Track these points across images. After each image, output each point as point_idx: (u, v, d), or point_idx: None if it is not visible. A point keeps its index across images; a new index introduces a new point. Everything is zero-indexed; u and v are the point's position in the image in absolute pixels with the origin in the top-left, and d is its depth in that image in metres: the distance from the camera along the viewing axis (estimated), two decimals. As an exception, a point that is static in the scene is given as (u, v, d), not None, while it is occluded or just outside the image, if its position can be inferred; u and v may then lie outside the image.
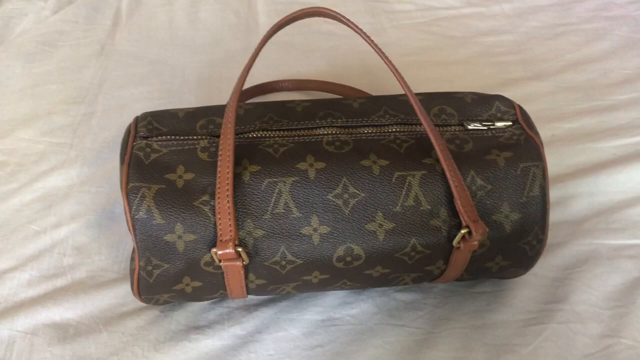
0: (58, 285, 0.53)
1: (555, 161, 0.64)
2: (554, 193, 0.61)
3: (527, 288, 0.53)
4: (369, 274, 0.46)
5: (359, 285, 0.49)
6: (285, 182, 0.44)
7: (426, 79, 0.77)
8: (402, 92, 0.51)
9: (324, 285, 0.47)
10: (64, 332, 0.50)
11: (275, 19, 0.87)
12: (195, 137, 0.46)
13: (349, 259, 0.44)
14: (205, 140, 0.46)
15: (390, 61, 0.47)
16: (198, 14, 0.89)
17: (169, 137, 0.46)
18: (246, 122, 0.47)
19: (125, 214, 0.43)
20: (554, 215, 0.59)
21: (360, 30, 0.47)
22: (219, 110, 0.48)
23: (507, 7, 0.91)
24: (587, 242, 0.57)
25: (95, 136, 0.67)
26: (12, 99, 0.72)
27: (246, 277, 0.45)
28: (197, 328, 0.50)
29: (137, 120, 0.48)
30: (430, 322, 0.51)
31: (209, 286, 0.46)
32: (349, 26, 0.48)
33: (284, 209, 0.43)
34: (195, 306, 0.52)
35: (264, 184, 0.44)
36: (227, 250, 0.42)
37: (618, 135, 0.67)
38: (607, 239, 0.57)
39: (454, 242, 0.44)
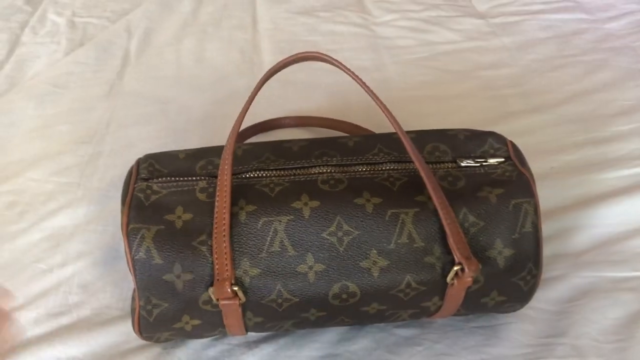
0: (64, 323, 0.54)
1: (554, 193, 0.65)
2: (553, 225, 0.61)
3: (526, 322, 0.53)
4: (365, 310, 0.47)
5: (356, 321, 0.49)
6: (280, 221, 0.45)
7: (426, 114, 0.78)
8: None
9: (322, 323, 0.48)
10: (69, 371, 0.51)
11: (279, 57, 0.90)
12: (194, 179, 0.48)
13: (344, 296, 0.45)
14: (204, 181, 0.47)
15: (380, 101, 0.48)
16: (204, 52, 0.91)
17: (169, 178, 0.48)
18: (244, 162, 0.49)
19: (126, 254, 0.44)
20: (553, 248, 0.60)
21: (352, 73, 0.49)
22: (218, 151, 0.50)
23: (507, 41, 0.92)
24: (587, 275, 0.57)
25: (102, 175, 0.69)
26: (23, 139, 0.75)
27: (244, 315, 0.46)
28: (198, 365, 0.51)
29: (139, 162, 0.50)
30: (430, 358, 0.51)
31: (208, 324, 0.47)
32: (342, 70, 0.50)
33: (279, 248, 0.44)
34: (197, 343, 0.52)
35: (260, 223, 0.45)
36: (224, 289, 0.43)
37: (618, 167, 0.67)
38: (607, 272, 0.57)
39: (448, 279, 0.45)
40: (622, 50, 0.89)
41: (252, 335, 0.53)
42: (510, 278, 0.47)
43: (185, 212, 0.45)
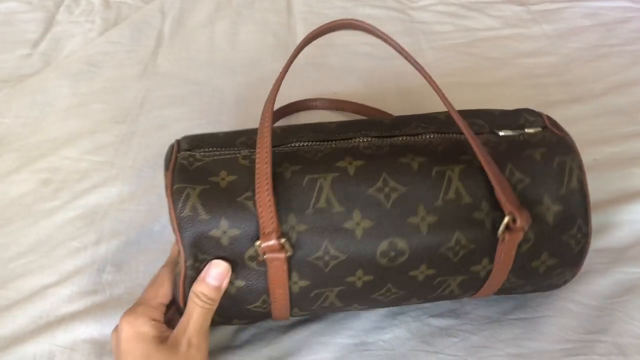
0: (97, 302, 0.54)
1: (596, 187, 0.62)
2: (595, 219, 0.58)
3: (566, 316, 0.52)
4: (413, 276, 0.46)
5: (404, 293, 0.47)
6: (325, 178, 0.44)
7: (464, 101, 0.75)
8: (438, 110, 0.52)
9: (369, 291, 0.46)
10: (101, 349, 0.51)
11: (315, 40, 0.88)
12: (235, 149, 0.47)
13: (392, 254, 0.44)
14: (246, 151, 0.47)
15: (425, 72, 0.49)
16: (238, 35, 0.90)
17: (211, 149, 0.48)
18: (283, 139, 0.48)
19: (170, 215, 0.44)
20: (596, 242, 0.57)
21: (394, 41, 0.49)
22: (256, 131, 0.49)
23: (548, 28, 0.90)
24: (630, 271, 0.55)
25: (136, 155, 0.69)
26: (58, 117, 0.75)
27: (290, 278, 0.44)
28: (230, 348, 0.50)
29: (179, 140, 0.49)
30: (466, 350, 0.50)
31: (253, 289, 0.45)
32: (380, 37, 0.49)
33: (325, 204, 0.44)
34: (230, 327, 0.52)
35: (305, 180, 0.44)
36: (271, 242, 0.42)
37: (663, 160, 0.65)
38: (651, 268, 0.55)
39: (499, 233, 0.44)
40: (669, 41, 0.86)
41: (286, 320, 0.52)
42: (561, 236, 0.46)
43: (229, 175, 0.45)
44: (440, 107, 0.49)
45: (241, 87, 0.80)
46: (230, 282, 0.45)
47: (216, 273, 0.44)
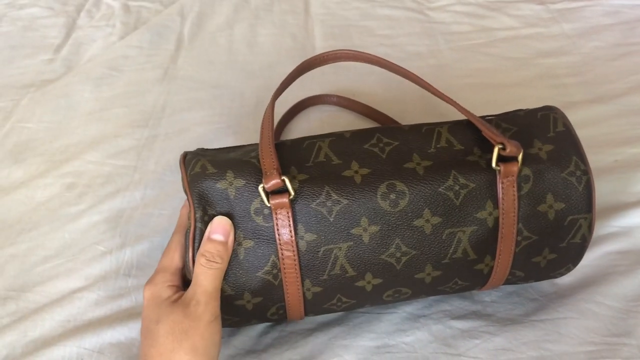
0: (123, 306, 0.55)
1: (618, 188, 0.63)
2: (618, 221, 0.60)
3: (589, 318, 0.52)
4: (419, 226, 0.45)
5: (415, 253, 0.46)
6: (324, 141, 0.48)
7: (483, 102, 0.76)
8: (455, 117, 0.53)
9: (378, 249, 0.46)
10: (129, 352, 0.51)
11: (331, 42, 0.89)
12: (243, 148, 0.51)
13: (393, 196, 0.45)
14: (255, 152, 0.48)
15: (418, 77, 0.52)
16: (257, 38, 0.91)
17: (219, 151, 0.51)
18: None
19: (182, 181, 0.47)
20: (619, 244, 0.58)
21: (384, 60, 0.55)
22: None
23: (568, 27, 0.89)
24: (654, 273, 0.55)
25: (158, 159, 0.70)
26: (81, 122, 0.76)
27: (296, 232, 0.45)
28: (253, 352, 0.51)
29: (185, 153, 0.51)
30: (488, 352, 0.50)
31: (260, 251, 0.45)
32: (371, 61, 0.55)
33: (324, 158, 0.47)
34: (253, 330, 0.53)
35: (305, 143, 0.48)
36: (273, 181, 0.44)
37: (686, 161, 0.65)
38: (674, 270, 0.55)
39: (493, 164, 0.45)
40: (691, 38, 0.85)
41: (308, 323, 0.53)
42: (560, 174, 0.47)
43: (236, 154, 0.49)
44: (457, 112, 0.50)
45: (260, 90, 0.80)
46: (238, 243, 0.45)
47: (219, 228, 0.45)
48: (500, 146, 0.45)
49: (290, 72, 0.54)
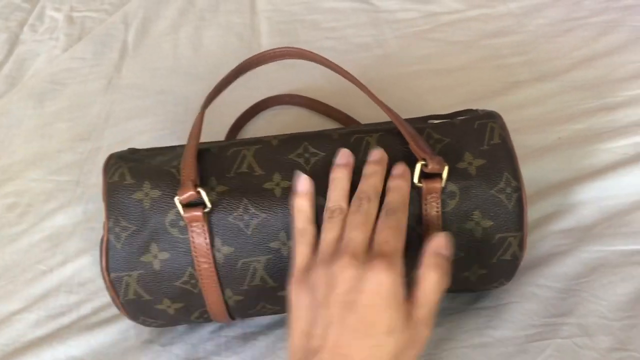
0: (64, 323, 0.55)
1: (561, 165, 0.62)
2: (560, 199, 0.59)
3: (531, 301, 0.51)
4: None
5: None
6: (249, 150, 0.47)
7: (429, 89, 0.76)
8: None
9: None
10: (68, 371, 0.51)
11: (278, 39, 0.88)
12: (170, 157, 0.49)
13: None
14: (177, 161, 0.47)
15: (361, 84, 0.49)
16: (202, 40, 0.90)
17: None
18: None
19: (102, 188, 0.47)
20: (561, 222, 0.57)
21: (335, 65, 0.51)
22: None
23: (514, 6, 0.89)
24: (596, 249, 0.55)
25: (100, 172, 0.68)
26: (24, 140, 0.75)
27: (212, 245, 0.44)
28: (194, 360, 0.51)
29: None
30: (430, 343, 0.50)
31: (176, 261, 0.45)
32: (324, 65, 0.51)
33: (247, 169, 0.46)
34: (194, 338, 0.52)
35: (230, 151, 0.47)
36: (188, 193, 0.43)
37: (629, 134, 0.64)
38: (616, 245, 0.55)
39: (415, 179, 0.44)
40: (636, 9, 0.84)
41: (251, 326, 0.53)
42: (489, 190, 0.45)
43: (162, 159, 0.48)
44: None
45: (205, 93, 0.78)
46: (154, 255, 0.45)
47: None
48: (423, 162, 0.44)
49: (221, 79, 0.54)
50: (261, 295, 0.46)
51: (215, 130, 0.68)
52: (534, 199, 0.59)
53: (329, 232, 0.42)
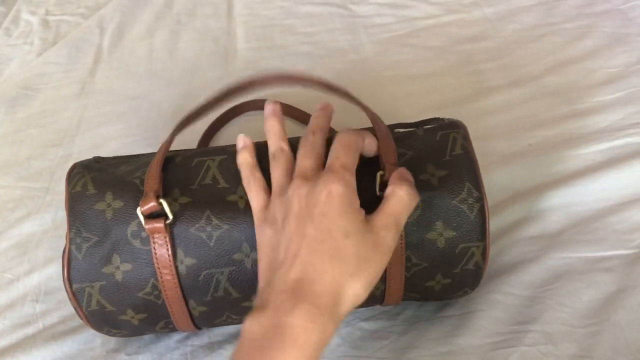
0: (29, 333, 0.54)
1: (530, 172, 0.63)
2: (528, 206, 0.59)
3: (496, 309, 0.52)
4: None
5: None
6: (214, 160, 0.47)
7: (403, 94, 0.76)
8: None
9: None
10: (31, 382, 0.51)
11: (253, 44, 0.88)
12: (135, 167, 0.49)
13: None
14: (140, 172, 0.47)
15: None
16: (177, 44, 0.89)
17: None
18: None
19: (65, 198, 0.46)
20: (529, 230, 0.58)
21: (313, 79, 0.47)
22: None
23: (489, 11, 0.89)
24: (562, 256, 0.55)
25: (71, 179, 0.68)
26: (-6, 146, 0.74)
27: (175, 257, 0.44)
28: (159, 371, 0.50)
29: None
30: (395, 352, 0.50)
31: (138, 273, 0.44)
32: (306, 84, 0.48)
33: (211, 181, 0.45)
34: (161, 347, 0.52)
35: (194, 161, 0.47)
36: (150, 204, 0.42)
37: (598, 140, 0.64)
38: (582, 252, 0.55)
39: (377, 191, 0.43)
40: (609, 14, 0.85)
41: (216, 336, 0.52)
42: (451, 200, 0.45)
43: (126, 168, 0.48)
44: (377, 106, 0.49)
45: (179, 98, 0.79)
46: (116, 267, 0.44)
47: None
48: (381, 173, 0.44)
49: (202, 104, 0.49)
50: (226, 306, 0.46)
51: (187, 137, 0.67)
52: (502, 205, 0.59)
53: (276, 170, 0.44)
